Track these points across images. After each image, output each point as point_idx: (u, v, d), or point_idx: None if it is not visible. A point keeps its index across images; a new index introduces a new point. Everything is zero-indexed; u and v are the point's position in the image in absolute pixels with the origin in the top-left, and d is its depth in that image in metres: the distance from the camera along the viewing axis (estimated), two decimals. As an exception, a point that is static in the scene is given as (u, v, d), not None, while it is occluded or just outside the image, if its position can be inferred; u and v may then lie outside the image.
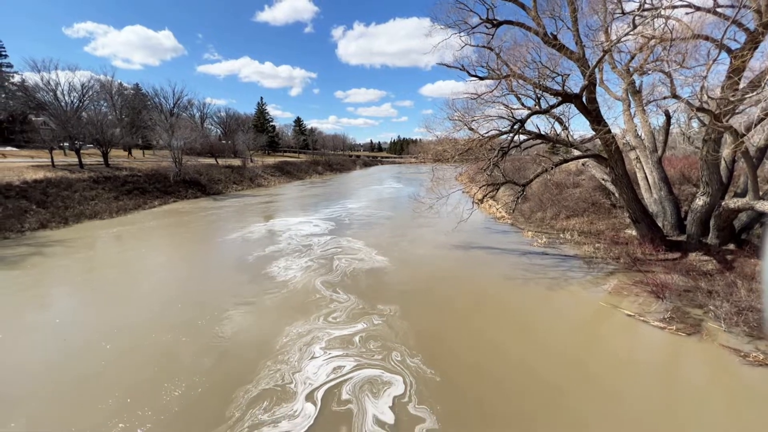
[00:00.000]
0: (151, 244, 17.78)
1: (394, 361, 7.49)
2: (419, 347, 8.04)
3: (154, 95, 60.82)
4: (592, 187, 22.07)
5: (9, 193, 21.28)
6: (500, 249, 16.19)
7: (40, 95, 36.11)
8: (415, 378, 6.93)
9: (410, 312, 9.84)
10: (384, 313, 9.74)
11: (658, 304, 10.09)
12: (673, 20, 11.15)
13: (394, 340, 8.33)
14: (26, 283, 12.15)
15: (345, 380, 6.84)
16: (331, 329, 8.82)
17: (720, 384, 7.05)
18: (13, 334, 8.87)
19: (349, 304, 10.25)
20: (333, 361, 7.44)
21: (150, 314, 9.84)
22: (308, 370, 7.14)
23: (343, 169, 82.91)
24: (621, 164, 13.68)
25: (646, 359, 7.94)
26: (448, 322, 9.47)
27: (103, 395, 6.53)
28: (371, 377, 6.93)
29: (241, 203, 31.45)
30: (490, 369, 7.41)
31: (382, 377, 6.94)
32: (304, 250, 15.92)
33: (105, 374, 7.18)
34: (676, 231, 15.35)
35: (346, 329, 8.82)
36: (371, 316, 9.49)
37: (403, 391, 6.52)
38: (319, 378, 6.90)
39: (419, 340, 8.37)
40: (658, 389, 6.82)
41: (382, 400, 6.30)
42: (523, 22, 13.32)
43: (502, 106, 14.29)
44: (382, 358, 7.57)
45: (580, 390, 6.75)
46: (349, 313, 9.73)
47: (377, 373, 7.08)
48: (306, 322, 9.16)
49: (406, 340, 8.37)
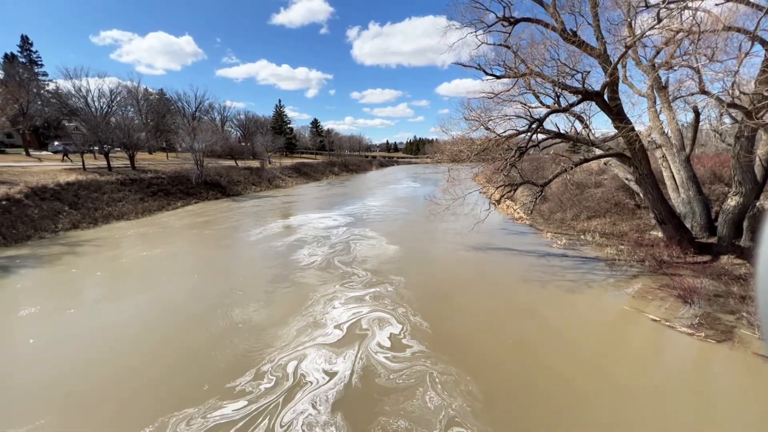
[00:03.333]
0: (185, 241, 18.51)
1: (397, 312, 9.77)
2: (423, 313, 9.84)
3: (177, 99, 63.01)
4: (615, 187, 21.34)
5: (44, 195, 22.48)
6: (517, 250, 15.88)
7: (72, 102, 38.05)
8: (411, 327, 8.99)
9: (419, 299, 9.92)
10: (393, 281, 12.15)
11: (685, 309, 9.65)
12: (701, 12, 10.67)
13: (399, 302, 10.44)
14: (75, 280, 12.83)
15: (358, 318, 9.43)
16: (348, 292, 11.25)
17: (755, 394, 6.67)
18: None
19: (364, 278, 12.57)
20: (350, 309, 10.01)
21: (213, 288, 12.14)
22: (333, 313, 9.79)
23: (359, 169, 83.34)
24: (646, 163, 13.17)
25: (673, 366, 7.61)
26: (454, 309, 9.40)
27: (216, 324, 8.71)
28: (380, 318, 9.43)
29: (261, 203, 32.12)
30: (492, 352, 7.30)
31: (387, 319, 9.34)
32: (325, 240, 17.99)
33: (212, 312, 9.73)
34: (705, 233, 14.65)
35: (360, 292, 11.27)
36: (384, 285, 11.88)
37: (399, 331, 8.78)
38: (342, 317, 9.51)
39: (424, 313, 9.90)
40: (687, 398, 6.52)
41: (384, 333, 8.68)
42: (541, 19, 13.03)
43: (519, 104, 14.01)
44: (388, 310, 9.99)
45: (602, 395, 6.54)
46: (364, 282, 12.16)
47: (385, 316, 9.52)
48: (329, 287, 11.68)
49: (410, 303, 10.41)
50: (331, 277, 12.61)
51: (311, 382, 6.76)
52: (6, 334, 9.12)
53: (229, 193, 37.72)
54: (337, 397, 6.35)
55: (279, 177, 50.77)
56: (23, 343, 8.62)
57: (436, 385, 6.71)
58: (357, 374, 7.00)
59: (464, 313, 9.96)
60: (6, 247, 17.26)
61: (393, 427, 5.62)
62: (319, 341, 8.28)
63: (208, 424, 5.69)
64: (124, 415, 6.04)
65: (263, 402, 6.20)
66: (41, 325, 9.55)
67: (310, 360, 7.50)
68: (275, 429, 5.56)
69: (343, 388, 6.60)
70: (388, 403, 6.22)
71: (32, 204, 21.15)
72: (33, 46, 50.28)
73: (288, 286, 11.88)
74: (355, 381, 6.80)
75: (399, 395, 6.43)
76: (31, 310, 10.33)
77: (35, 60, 50.22)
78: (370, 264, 13.98)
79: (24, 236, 18.62)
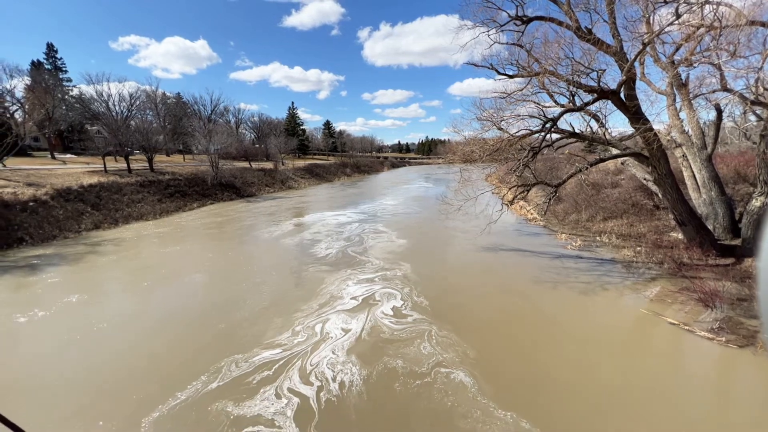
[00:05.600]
0: (207, 239, 18.98)
1: (403, 291, 11.45)
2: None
3: (194, 103, 64.45)
4: (633, 187, 20.81)
5: (69, 197, 23.38)
6: (529, 251, 15.67)
7: (94, 106, 39.39)
8: (411, 303, 10.61)
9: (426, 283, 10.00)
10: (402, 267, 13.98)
11: (707, 313, 9.35)
12: (723, 6, 10.34)
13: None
14: (100, 277, 13.35)
15: (369, 292, 11.39)
16: (361, 275, 13.04)
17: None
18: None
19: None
20: (363, 287, 11.92)
21: (244, 276, 13.89)
22: (349, 290, 11.64)
23: (371, 170, 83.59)
24: (665, 163, 12.81)
25: (692, 371, 7.40)
26: (465, 315, 9.35)
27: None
28: (387, 293, 11.32)
29: (276, 204, 32.60)
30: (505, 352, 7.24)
31: (393, 294, 11.24)
32: (339, 235, 19.30)
33: (248, 293, 10.02)
34: (729, 234, 14.15)
35: (371, 275, 13.15)
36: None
37: (402, 304, 10.47)
38: (356, 292, 11.38)
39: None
40: (707, 403, 6.34)
41: (389, 305, 10.46)
42: (555, 17, 12.84)
43: (533, 104, 13.82)
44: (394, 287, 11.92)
45: (618, 398, 6.40)
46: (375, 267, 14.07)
47: (392, 292, 11.43)
48: (344, 271, 13.57)
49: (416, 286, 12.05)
50: (346, 263, 14.44)
51: (332, 336, 8.68)
52: (61, 322, 9.76)
53: (243, 194, 38.40)
54: (351, 346, 8.27)
55: (292, 178, 51.40)
56: (88, 328, 9.45)
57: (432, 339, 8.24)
58: (366, 331, 8.93)
59: (473, 315, 9.91)
60: (33, 246, 18.03)
61: (392, 364, 7.54)
62: (338, 308, 10.24)
63: (256, 363, 7.62)
64: (192, 364, 7.74)
65: (297, 350, 8.10)
66: (92, 311, 10.66)
67: (331, 322, 9.41)
68: (306, 367, 7.46)
69: (355, 340, 8.51)
70: (390, 349, 8.14)
71: (57, 205, 22.02)
72: (57, 53, 52.33)
73: (309, 272, 13.66)
74: (364, 335, 8.74)
75: (399, 344, 8.35)
76: (72, 299, 11.43)
77: (60, 66, 52.19)
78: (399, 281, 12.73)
79: (50, 236, 19.41)
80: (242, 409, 6.27)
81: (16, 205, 20.08)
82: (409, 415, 6.21)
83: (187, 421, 6.09)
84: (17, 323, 9.79)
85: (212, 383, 7.00)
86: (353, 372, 7.31)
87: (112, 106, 36.95)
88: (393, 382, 7.00)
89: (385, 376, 7.18)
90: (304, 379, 7.05)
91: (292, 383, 6.92)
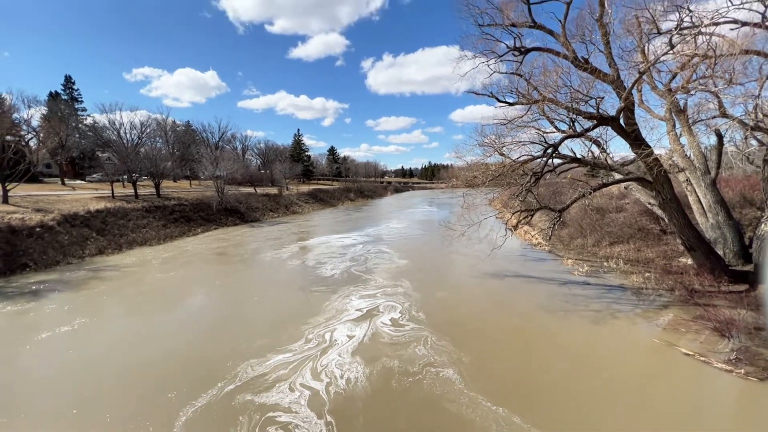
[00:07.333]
0: (215, 263, 18.82)
1: (403, 306, 12.46)
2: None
3: (203, 130, 66.38)
4: (638, 211, 20.66)
5: (75, 222, 23.62)
6: (536, 277, 15.37)
7: (106, 134, 40.64)
8: (409, 316, 11.62)
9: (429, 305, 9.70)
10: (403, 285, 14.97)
11: (723, 343, 8.96)
12: (716, 37, 10.62)
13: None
14: (101, 303, 13.21)
15: (372, 306, 12.48)
16: (364, 292, 14.09)
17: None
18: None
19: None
20: (364, 302, 12.99)
21: (258, 294, 15.03)
22: (353, 303, 12.80)
23: (374, 195, 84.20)
24: (668, 187, 12.75)
25: (711, 406, 7.00)
26: (474, 348, 9.02)
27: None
28: (388, 305, 12.43)
29: (279, 230, 32.62)
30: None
31: (393, 306, 12.31)
32: (342, 257, 18.46)
33: (261, 307, 9.76)
34: (740, 260, 13.83)
35: (374, 291, 14.25)
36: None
37: (399, 316, 11.56)
38: (361, 305, 12.46)
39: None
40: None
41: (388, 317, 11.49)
42: (552, 48, 13.26)
43: (534, 130, 14.00)
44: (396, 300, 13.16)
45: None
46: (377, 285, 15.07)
47: (393, 304, 12.58)
48: (350, 287, 14.72)
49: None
50: (351, 281, 15.46)
51: (338, 342, 9.78)
52: (59, 345, 9.58)
53: (248, 219, 38.60)
54: (354, 348, 9.42)
55: (296, 203, 51.80)
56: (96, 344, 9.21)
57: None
58: (368, 337, 10.07)
59: (486, 345, 9.59)
60: (36, 272, 18.03)
61: (389, 364, 8.61)
62: (344, 319, 11.33)
63: (272, 365, 8.66)
64: (213, 368, 8.68)
65: (308, 354, 9.17)
66: (95, 334, 10.75)
67: (338, 331, 10.49)
68: (317, 367, 8.52)
69: (358, 344, 9.66)
70: (389, 351, 9.32)
71: (63, 231, 22.21)
72: (75, 85, 54.70)
73: (316, 289, 14.58)
74: (366, 341, 9.87)
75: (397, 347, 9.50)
76: (69, 327, 11.00)
77: (76, 97, 54.40)
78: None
79: (54, 261, 19.45)
80: (262, 398, 7.43)
81: (23, 230, 20.29)
82: (407, 401, 7.36)
83: (218, 412, 7.09)
84: (12, 351, 9.61)
85: (231, 384, 7.95)
86: (359, 370, 8.47)
87: (123, 134, 38.13)
88: (390, 379, 8.08)
89: (385, 374, 8.32)
90: (315, 376, 8.21)
91: (304, 379, 8.06)
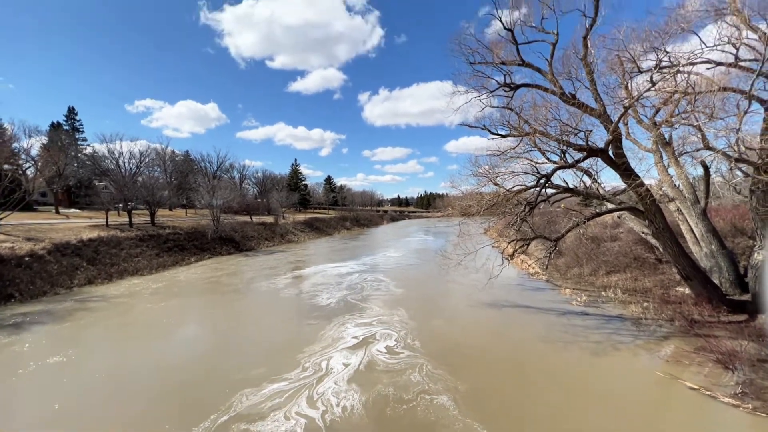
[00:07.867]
0: (208, 293, 18.35)
1: (399, 334, 12.61)
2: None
3: (201, 160, 67.17)
4: (633, 240, 20.80)
5: (65, 251, 23.22)
6: (534, 307, 15.15)
7: (105, 163, 40.97)
8: (405, 344, 11.67)
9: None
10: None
11: (727, 376, 8.74)
12: (694, 75, 11.24)
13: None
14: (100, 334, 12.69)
15: (368, 334, 12.55)
16: (360, 320, 14.12)
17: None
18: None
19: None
20: (360, 329, 13.07)
21: (263, 329, 13.95)
22: (348, 331, 12.88)
23: (370, 224, 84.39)
24: (660, 217, 12.95)
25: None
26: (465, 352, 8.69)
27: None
28: (383, 333, 12.57)
29: (274, 258, 32.25)
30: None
31: (389, 334, 12.39)
32: (339, 287, 17.53)
33: (260, 337, 10.23)
34: (736, 288, 13.81)
35: (370, 319, 14.31)
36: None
37: (395, 344, 11.58)
38: (357, 333, 12.58)
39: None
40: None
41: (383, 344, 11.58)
42: (540, 84, 13.90)
43: (526, 161, 14.37)
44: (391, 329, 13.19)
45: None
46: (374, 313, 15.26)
47: (389, 332, 12.78)
48: (346, 315, 14.78)
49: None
50: (347, 310, 15.48)
51: (334, 370, 9.84)
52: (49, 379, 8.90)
53: (243, 248, 38.21)
54: (350, 376, 9.49)
55: (292, 232, 51.60)
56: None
57: None
58: (363, 365, 10.13)
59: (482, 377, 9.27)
60: (22, 303, 17.46)
61: (384, 392, 8.69)
62: (340, 347, 11.36)
63: (267, 394, 8.67)
64: (206, 398, 8.70)
65: (304, 382, 9.21)
66: (71, 370, 9.93)
67: (334, 359, 10.52)
68: (314, 395, 8.58)
69: (353, 372, 9.71)
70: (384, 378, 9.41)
71: (53, 260, 21.78)
72: (77, 115, 55.81)
73: (313, 318, 14.59)
74: (362, 368, 9.93)
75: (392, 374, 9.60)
76: (53, 360, 10.40)
77: (77, 127, 55.29)
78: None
79: (40, 292, 18.90)
80: (258, 427, 7.45)
81: (11, 259, 19.87)
82: (402, 428, 7.51)
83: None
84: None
85: (226, 415, 7.93)
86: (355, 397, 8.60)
87: (122, 163, 38.45)
88: (386, 406, 8.18)
89: (380, 401, 8.45)
90: (311, 404, 8.27)
91: (300, 408, 8.11)
